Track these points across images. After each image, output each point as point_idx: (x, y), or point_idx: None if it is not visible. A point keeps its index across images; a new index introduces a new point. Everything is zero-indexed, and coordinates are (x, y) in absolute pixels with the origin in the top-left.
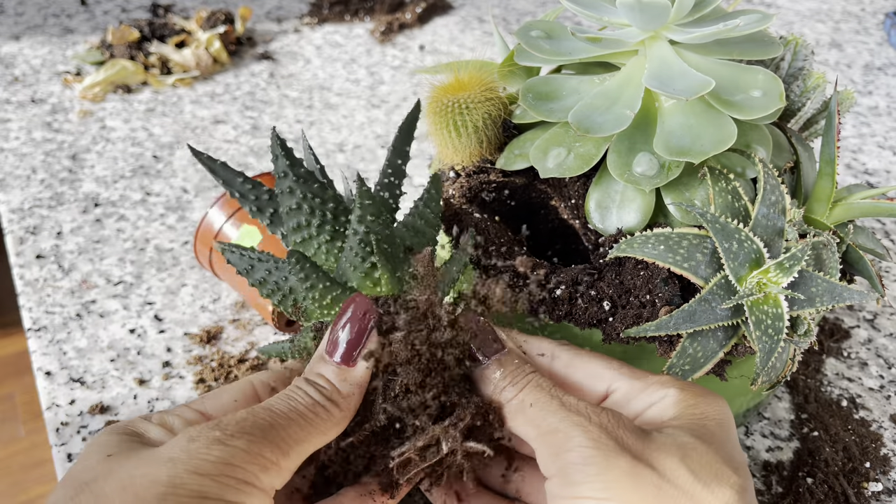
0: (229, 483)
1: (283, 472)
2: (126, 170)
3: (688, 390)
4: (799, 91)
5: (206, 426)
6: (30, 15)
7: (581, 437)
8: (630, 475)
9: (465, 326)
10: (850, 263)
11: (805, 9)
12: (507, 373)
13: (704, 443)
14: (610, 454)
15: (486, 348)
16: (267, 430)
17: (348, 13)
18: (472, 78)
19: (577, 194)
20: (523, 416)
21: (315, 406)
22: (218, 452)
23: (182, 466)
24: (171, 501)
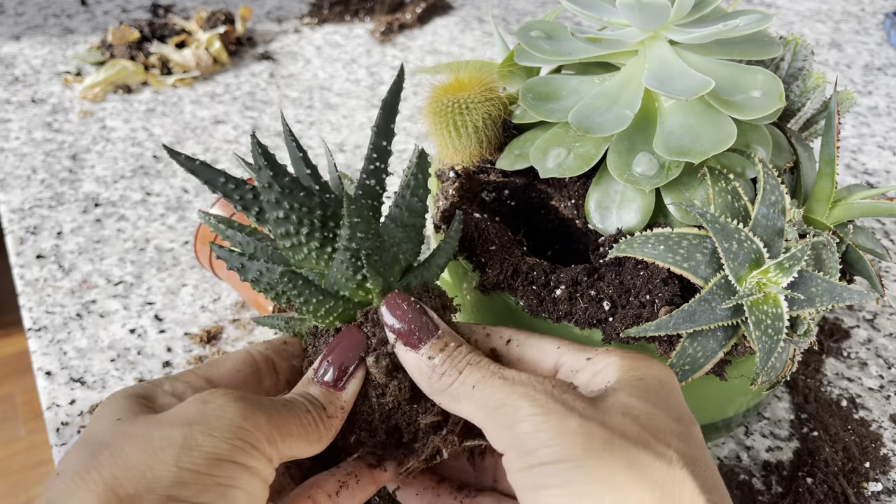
0: (239, 445)
1: (279, 452)
2: (126, 170)
3: (629, 358)
4: (799, 91)
5: (220, 391)
6: (30, 15)
7: (529, 406)
8: (582, 434)
9: (394, 314)
10: (850, 263)
11: (805, 9)
12: (444, 357)
13: (645, 400)
14: (560, 417)
15: (420, 335)
16: (272, 411)
17: (348, 13)
18: (472, 78)
19: (577, 194)
20: (468, 400)
21: (308, 415)
22: (231, 414)
23: (196, 428)
24: (186, 462)
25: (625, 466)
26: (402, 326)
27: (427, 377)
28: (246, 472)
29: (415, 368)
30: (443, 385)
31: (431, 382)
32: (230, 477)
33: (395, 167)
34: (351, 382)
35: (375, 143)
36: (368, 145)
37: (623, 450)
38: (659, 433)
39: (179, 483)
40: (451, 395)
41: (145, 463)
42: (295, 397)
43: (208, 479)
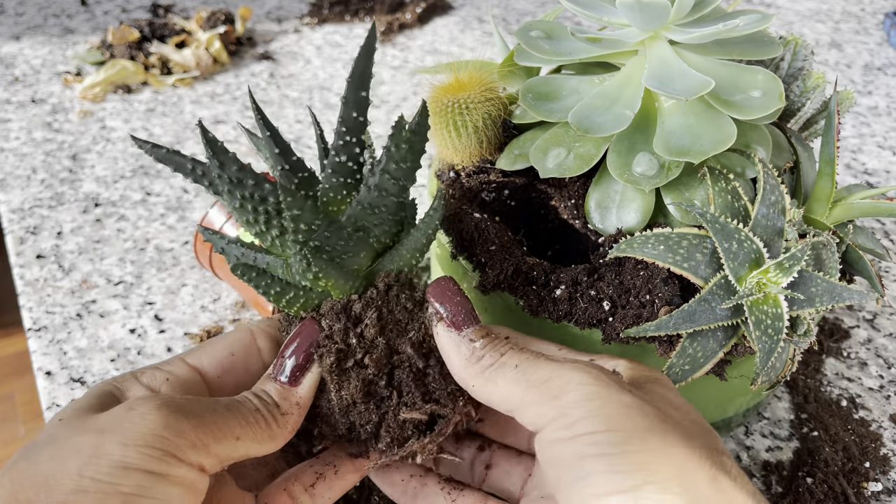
0: (152, 454)
1: (212, 457)
2: (126, 170)
3: (634, 363)
4: (799, 91)
5: (149, 398)
6: (30, 15)
7: (582, 376)
8: (637, 408)
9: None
10: (850, 263)
11: (805, 9)
12: (486, 342)
13: (676, 394)
14: (613, 390)
15: (465, 319)
16: (205, 413)
17: (348, 13)
18: (472, 78)
19: (577, 194)
20: (506, 377)
21: (256, 413)
22: (148, 423)
23: (109, 437)
24: (91, 470)
25: (680, 443)
26: (447, 310)
27: (466, 358)
28: (161, 481)
29: (454, 349)
30: (482, 366)
31: (470, 363)
32: (137, 486)
33: None
34: (306, 377)
35: (344, 115)
36: (338, 118)
37: (676, 428)
38: (700, 424)
39: (79, 491)
40: (487, 377)
41: (50, 470)
42: (245, 396)
43: (109, 487)
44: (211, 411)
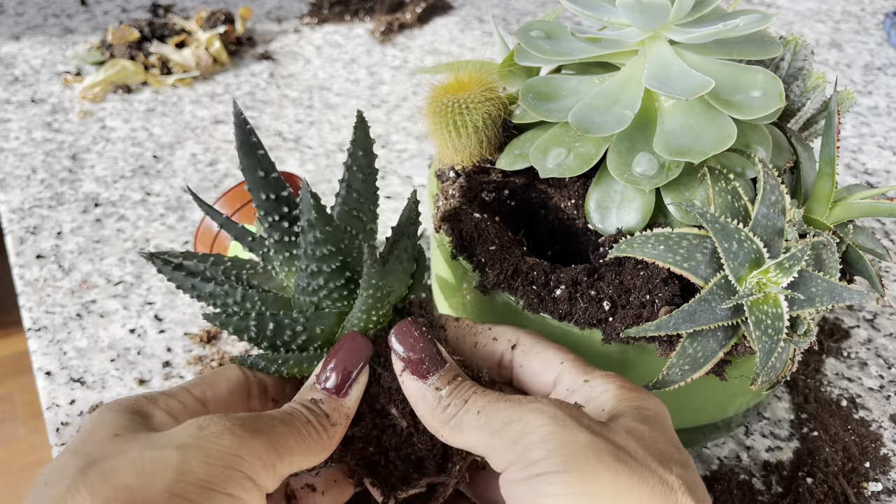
0: (233, 476)
1: (277, 476)
2: (126, 170)
3: (626, 387)
4: (799, 91)
5: (216, 417)
6: (30, 15)
7: (538, 418)
8: (591, 448)
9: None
10: (850, 263)
11: (805, 9)
12: (451, 389)
13: (647, 425)
14: (569, 429)
15: (430, 365)
16: (268, 431)
17: (348, 13)
18: (472, 78)
19: (576, 194)
20: (470, 426)
21: (308, 426)
22: (227, 442)
23: (192, 453)
24: (180, 488)
25: (632, 483)
26: (411, 355)
27: (432, 408)
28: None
29: (420, 398)
30: (448, 415)
31: (436, 413)
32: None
33: (396, 167)
34: (354, 388)
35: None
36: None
37: (630, 467)
38: (662, 457)
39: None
40: (454, 426)
41: (137, 485)
42: (295, 407)
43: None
44: (271, 429)
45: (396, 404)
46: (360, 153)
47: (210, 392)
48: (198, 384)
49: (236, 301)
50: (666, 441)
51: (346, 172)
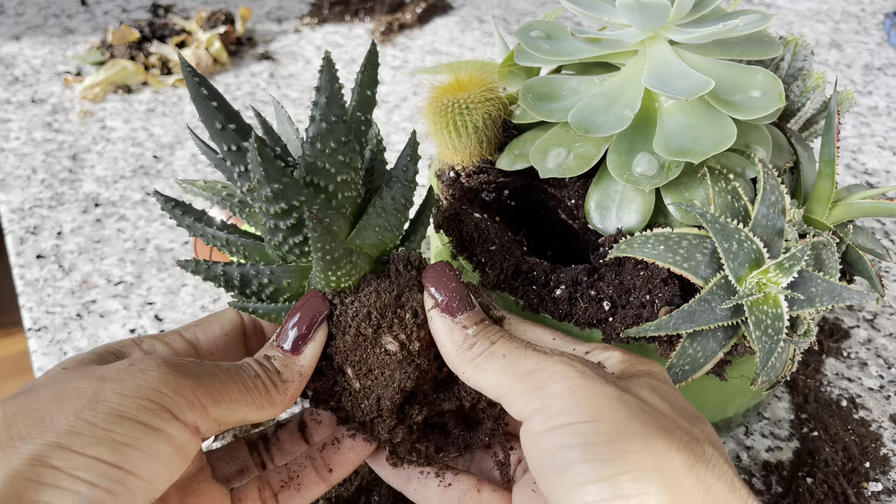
0: (148, 406)
1: (210, 417)
2: (126, 170)
3: (630, 354)
4: (798, 91)
5: (154, 356)
6: (30, 15)
7: (566, 369)
8: (619, 399)
9: (436, 283)
10: (850, 263)
11: (805, 9)
12: (479, 329)
13: (667, 384)
14: (597, 383)
15: (459, 305)
16: (206, 376)
17: (348, 13)
18: (472, 78)
19: (577, 194)
20: (494, 367)
21: (256, 379)
22: (148, 377)
23: (109, 384)
24: (88, 413)
25: (660, 433)
26: (442, 294)
27: (458, 345)
28: (152, 435)
29: (447, 335)
30: (473, 354)
31: (461, 351)
32: (130, 436)
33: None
34: (308, 346)
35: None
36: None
37: (657, 420)
38: (684, 412)
39: (72, 432)
40: (477, 365)
41: (47, 408)
42: (246, 362)
43: (103, 433)
44: (211, 374)
45: (352, 365)
46: (325, 100)
47: (202, 335)
48: (190, 327)
49: (223, 245)
50: (684, 400)
51: (310, 122)
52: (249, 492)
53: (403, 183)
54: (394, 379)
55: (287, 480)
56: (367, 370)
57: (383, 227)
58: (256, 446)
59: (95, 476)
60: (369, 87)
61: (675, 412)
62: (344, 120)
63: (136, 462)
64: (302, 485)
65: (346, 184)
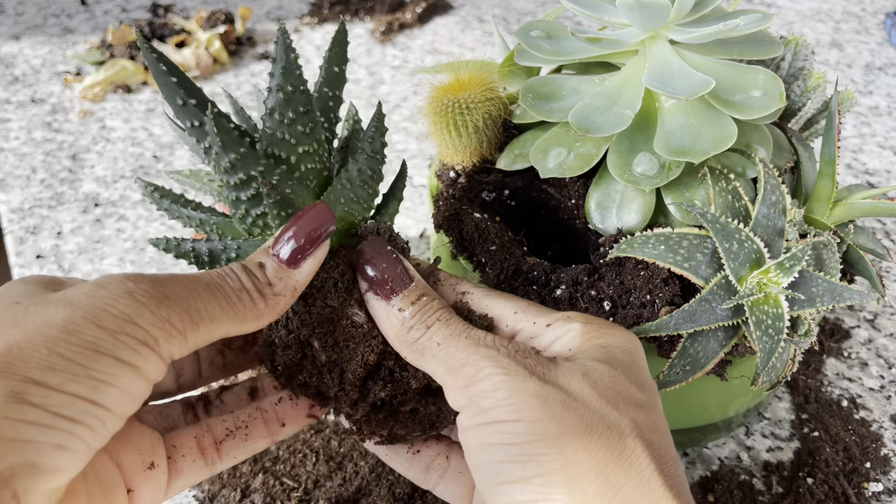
0: (126, 342)
1: (188, 345)
2: (126, 170)
3: (592, 323)
4: (799, 91)
5: (122, 276)
6: (30, 15)
7: (490, 366)
8: (539, 396)
9: (367, 260)
10: (851, 263)
11: (805, 8)
12: (415, 310)
13: (608, 366)
14: (518, 378)
15: (394, 285)
16: (184, 297)
17: (348, 13)
18: (472, 78)
19: (577, 194)
20: (431, 355)
21: (241, 292)
22: (123, 307)
23: (80, 313)
24: (62, 347)
25: (577, 432)
26: (375, 275)
27: (396, 329)
28: (129, 371)
29: (384, 319)
30: (410, 338)
31: (400, 335)
32: (107, 373)
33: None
34: (308, 260)
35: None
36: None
37: (577, 414)
38: (618, 399)
39: (47, 368)
40: (417, 350)
41: (16, 341)
42: (231, 270)
43: (79, 370)
44: (189, 292)
45: (319, 338)
46: (280, 71)
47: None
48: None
49: (197, 225)
50: (627, 380)
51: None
52: (185, 440)
53: (369, 154)
54: (357, 352)
55: (233, 430)
56: (333, 342)
57: (350, 199)
58: (194, 407)
59: (77, 413)
60: (337, 64)
61: (603, 401)
62: (302, 90)
63: (113, 399)
64: (249, 436)
65: (309, 155)
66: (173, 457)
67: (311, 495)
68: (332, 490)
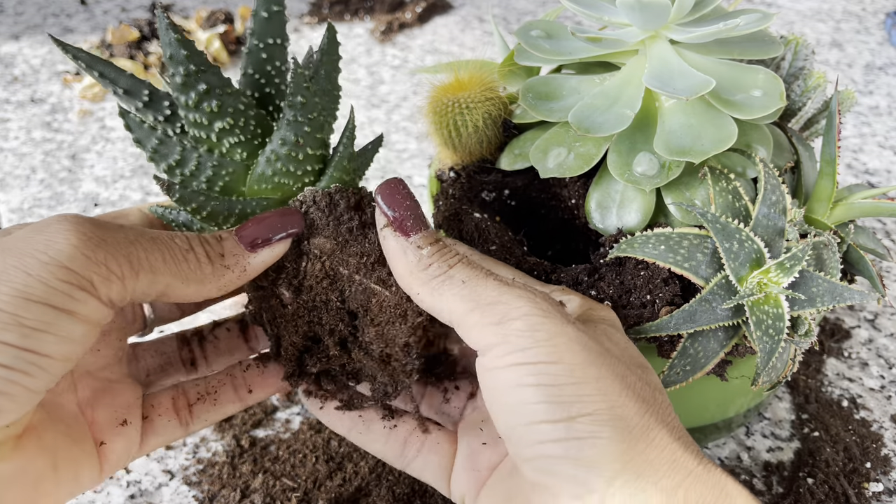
0: (58, 286)
1: (126, 290)
2: (126, 170)
3: (586, 298)
4: (799, 91)
5: (63, 217)
6: (29, 14)
7: (528, 306)
8: (578, 342)
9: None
10: (851, 263)
11: (806, 8)
12: (434, 250)
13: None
14: (558, 322)
15: (414, 224)
16: (125, 244)
17: (348, 13)
18: (472, 78)
19: (577, 194)
20: (452, 292)
21: (188, 252)
22: (54, 253)
23: (11, 261)
24: None
25: (614, 381)
26: (394, 211)
27: (413, 264)
28: (64, 318)
29: (400, 255)
30: (428, 275)
31: (415, 272)
32: (40, 321)
33: (396, 167)
34: (265, 250)
35: None
36: None
37: (612, 368)
38: (637, 361)
39: None
40: (434, 288)
41: None
42: (183, 234)
43: (9, 318)
44: (131, 241)
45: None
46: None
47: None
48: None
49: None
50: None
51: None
52: (163, 399)
53: (290, 120)
54: (287, 329)
55: (204, 394)
56: (271, 317)
57: (280, 172)
58: (189, 342)
59: (9, 359)
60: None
61: (628, 359)
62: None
63: (48, 345)
64: (218, 401)
65: (227, 131)
66: (150, 416)
67: (311, 495)
68: (331, 490)
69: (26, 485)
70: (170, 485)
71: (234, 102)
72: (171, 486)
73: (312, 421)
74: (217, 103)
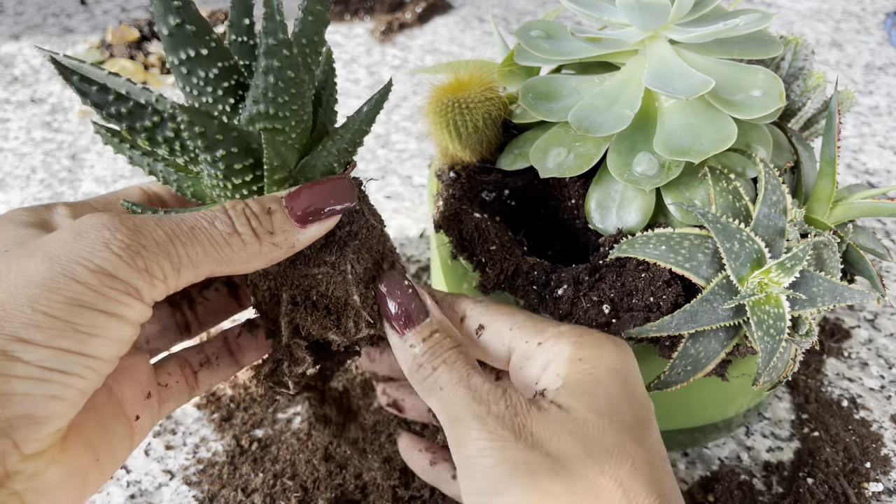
0: (109, 294)
1: (170, 289)
2: (126, 170)
3: (579, 345)
4: (799, 91)
5: (100, 223)
6: (29, 14)
7: (478, 429)
8: (525, 464)
9: (384, 294)
10: (851, 263)
11: (805, 8)
12: (426, 348)
13: (595, 412)
14: (504, 447)
15: (406, 321)
16: (163, 244)
17: (348, 13)
18: (472, 78)
19: (577, 194)
20: (436, 398)
21: (232, 236)
22: (100, 261)
23: (59, 269)
24: (44, 306)
25: (563, 492)
26: (390, 309)
27: (408, 364)
28: (113, 321)
29: (399, 350)
30: (419, 377)
31: (410, 370)
32: (92, 325)
33: (396, 167)
34: (315, 225)
35: None
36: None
37: (562, 483)
38: (605, 459)
39: (32, 326)
40: (423, 388)
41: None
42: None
43: (64, 325)
44: (169, 237)
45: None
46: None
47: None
48: (99, 199)
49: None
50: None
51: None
52: (172, 367)
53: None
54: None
55: (205, 361)
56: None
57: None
58: (179, 306)
59: (66, 365)
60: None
61: (589, 462)
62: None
63: (101, 348)
64: (220, 365)
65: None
66: (168, 383)
67: (311, 495)
68: (332, 490)
69: (77, 484)
70: (170, 485)
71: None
72: (171, 486)
73: (313, 421)
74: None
